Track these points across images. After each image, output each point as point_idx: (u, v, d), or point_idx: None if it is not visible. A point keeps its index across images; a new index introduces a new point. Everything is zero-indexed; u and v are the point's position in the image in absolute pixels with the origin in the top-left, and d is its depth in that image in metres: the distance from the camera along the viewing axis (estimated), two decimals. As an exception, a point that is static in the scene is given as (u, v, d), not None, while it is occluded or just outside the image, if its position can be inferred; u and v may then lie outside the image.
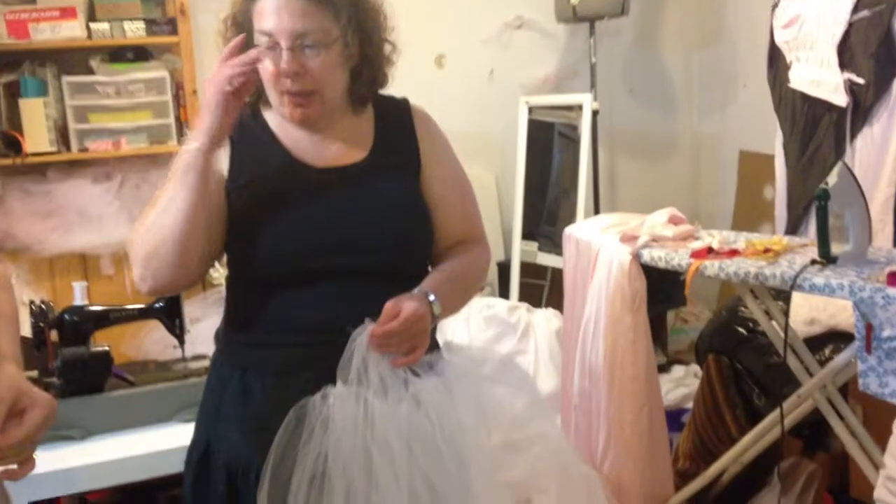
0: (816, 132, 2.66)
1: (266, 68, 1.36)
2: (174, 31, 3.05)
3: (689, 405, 2.89)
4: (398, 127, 1.51)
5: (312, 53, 1.36)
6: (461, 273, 1.49)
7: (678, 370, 3.40)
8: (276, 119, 1.45)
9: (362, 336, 1.32)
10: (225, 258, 1.46)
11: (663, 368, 3.31)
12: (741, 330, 2.60)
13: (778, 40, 2.81)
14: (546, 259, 3.48)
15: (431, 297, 1.38)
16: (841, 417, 2.15)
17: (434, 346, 1.49)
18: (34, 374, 1.89)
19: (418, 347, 1.35)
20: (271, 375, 1.40)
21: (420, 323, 1.34)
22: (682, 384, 3.28)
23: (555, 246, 3.30)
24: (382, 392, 1.34)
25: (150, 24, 3.03)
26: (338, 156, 1.45)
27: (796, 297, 2.34)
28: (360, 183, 1.43)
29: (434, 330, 1.46)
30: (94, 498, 2.77)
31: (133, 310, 1.94)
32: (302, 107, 1.39)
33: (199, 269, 1.40)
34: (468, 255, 1.52)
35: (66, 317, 1.87)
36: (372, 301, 1.34)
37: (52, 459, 1.74)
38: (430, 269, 1.48)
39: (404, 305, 1.33)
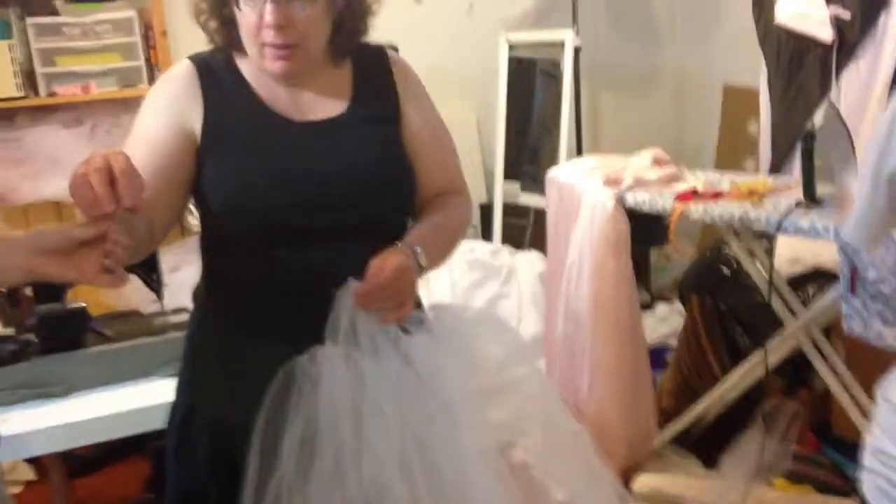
0: (802, 68, 2.61)
1: (247, 19, 1.29)
2: (141, -30, 2.94)
3: (673, 343, 2.91)
4: (377, 78, 1.45)
5: (298, 5, 1.29)
6: (444, 224, 1.46)
7: (662, 308, 3.41)
8: (252, 70, 1.39)
9: (347, 295, 1.29)
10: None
11: (647, 307, 3.32)
12: (725, 270, 2.60)
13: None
14: (528, 199, 3.45)
15: (417, 250, 1.34)
16: (824, 358, 2.17)
17: (418, 301, 1.47)
18: (10, 331, 1.86)
19: (406, 302, 1.32)
20: (254, 337, 1.37)
21: (406, 277, 1.31)
22: (665, 322, 3.30)
23: (537, 185, 3.26)
24: (373, 351, 1.31)
25: (115, -39, 2.92)
26: (316, 109, 1.39)
27: (780, 236, 2.34)
28: (339, 137, 1.38)
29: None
30: (80, 451, 2.79)
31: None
32: (284, 60, 1.32)
33: (164, 232, 1.36)
34: (450, 206, 1.48)
35: (40, 273, 1.83)
36: (355, 258, 1.31)
37: (34, 417, 1.73)
38: (411, 222, 1.45)
39: (389, 261, 1.30)
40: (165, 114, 1.34)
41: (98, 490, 2.81)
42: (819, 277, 2.38)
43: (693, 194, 2.15)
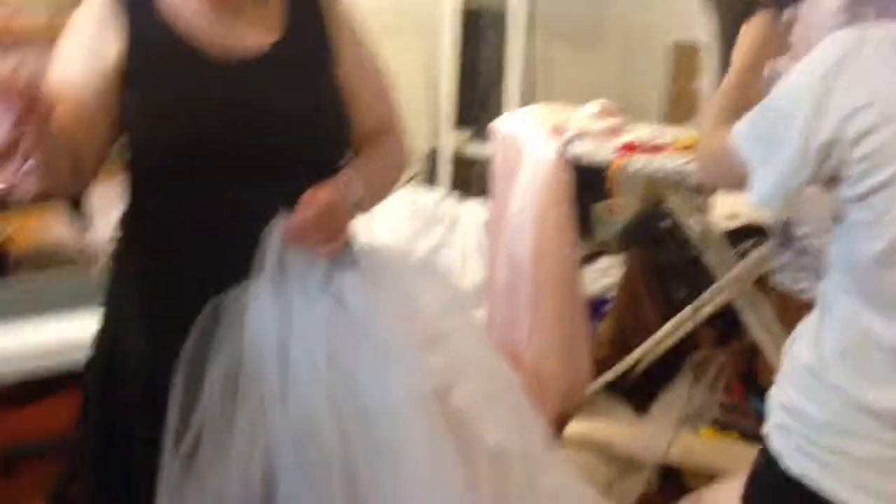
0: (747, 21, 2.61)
1: None
2: None
3: (613, 295, 2.95)
4: (307, 11, 1.40)
5: None
6: (379, 163, 1.43)
7: (604, 261, 3.45)
8: (172, 3, 1.33)
9: (276, 231, 1.27)
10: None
11: (589, 259, 3.35)
12: (664, 223, 2.63)
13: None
14: (477, 149, 3.43)
15: (349, 186, 1.32)
16: (755, 311, 2.21)
17: (351, 240, 1.45)
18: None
19: (336, 238, 1.31)
20: (180, 272, 1.33)
21: (336, 212, 1.29)
22: (606, 274, 3.34)
23: (486, 135, 3.24)
24: (302, 288, 1.30)
25: None
26: (242, 43, 1.32)
27: (720, 191, 2.36)
28: (267, 74, 1.32)
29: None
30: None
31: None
32: None
33: (94, 167, 1.32)
34: (386, 145, 1.46)
35: (-39, 203, 1.76)
36: (288, 196, 1.28)
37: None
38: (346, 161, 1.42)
39: (319, 195, 1.28)
40: (82, 48, 1.28)
41: (21, 426, 2.75)
42: (755, 233, 2.42)
43: (635, 147, 2.15)
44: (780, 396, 1.13)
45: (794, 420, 1.09)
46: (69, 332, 1.73)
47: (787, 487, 1.08)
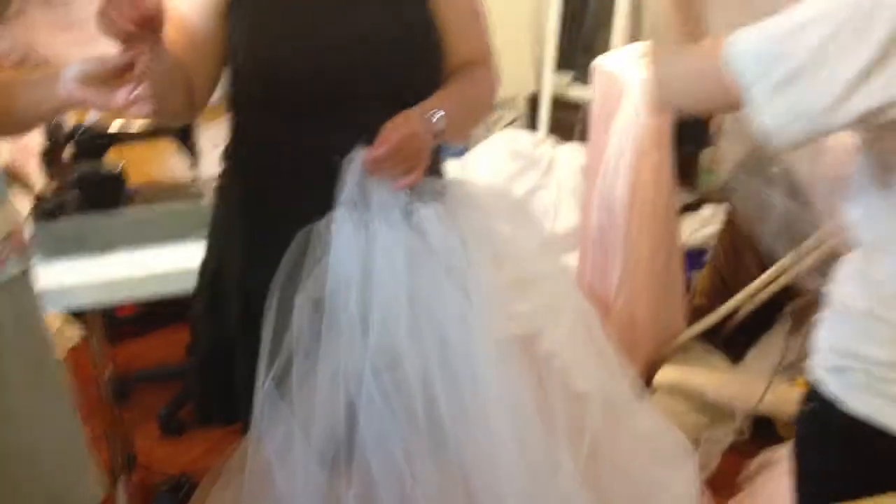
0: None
1: None
2: None
3: (714, 244, 2.87)
4: None
5: None
6: (467, 93, 1.44)
7: (707, 210, 3.35)
8: None
9: (355, 162, 1.30)
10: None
11: (693, 207, 3.26)
12: (773, 168, 2.53)
13: None
14: (580, 92, 3.37)
15: (434, 115, 1.33)
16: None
17: (439, 172, 1.47)
18: (52, 188, 1.92)
19: (416, 167, 1.32)
20: (277, 199, 1.39)
21: (414, 141, 1.30)
22: (708, 223, 3.25)
23: (588, 78, 3.18)
24: (384, 218, 1.33)
25: None
26: None
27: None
28: (368, 2, 1.37)
29: (437, 153, 1.44)
30: (120, 314, 2.90)
31: (145, 129, 1.93)
32: None
33: (204, 97, 1.39)
34: (476, 76, 1.47)
35: (79, 133, 1.87)
36: (379, 125, 1.31)
37: (73, 273, 1.79)
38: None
39: (399, 125, 1.29)
40: None
41: (139, 354, 2.94)
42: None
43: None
44: (833, 342, 1.08)
45: (854, 362, 1.04)
46: (181, 261, 1.81)
47: (852, 429, 1.04)
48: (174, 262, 1.83)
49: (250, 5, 1.34)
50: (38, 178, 2.00)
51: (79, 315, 2.24)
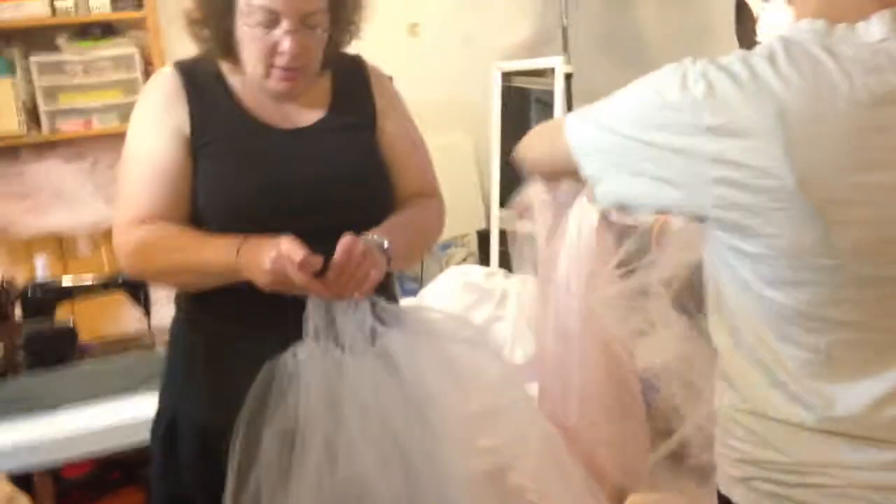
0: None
1: (260, 42, 1.35)
2: (140, 6, 3.03)
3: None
4: (354, 85, 1.52)
5: (311, 32, 1.36)
6: (414, 218, 1.50)
7: (663, 333, 3.40)
8: (238, 80, 1.44)
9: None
10: None
11: (646, 332, 3.31)
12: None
13: (743, -9, 2.79)
14: (525, 226, 3.47)
15: (373, 236, 1.37)
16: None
17: (396, 300, 1.49)
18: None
19: (371, 273, 1.33)
20: (237, 337, 1.40)
21: (360, 250, 1.31)
22: (665, 348, 3.28)
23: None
24: (349, 344, 1.33)
25: (116, -1, 3.01)
26: (297, 116, 1.45)
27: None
28: (318, 143, 1.44)
29: (391, 282, 1.46)
30: (69, 476, 2.78)
31: (96, 283, 1.94)
32: (290, 80, 1.39)
33: None
34: (422, 205, 1.53)
35: (29, 291, 1.87)
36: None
37: (18, 431, 1.74)
38: None
39: (347, 241, 1.32)
40: (160, 127, 1.40)
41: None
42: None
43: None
44: (731, 455, 1.08)
45: (755, 469, 1.04)
46: (133, 414, 1.78)
47: None
48: (126, 415, 1.80)
49: (211, 149, 1.40)
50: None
51: (27, 480, 2.15)
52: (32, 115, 3.00)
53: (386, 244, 1.36)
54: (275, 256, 1.25)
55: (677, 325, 2.78)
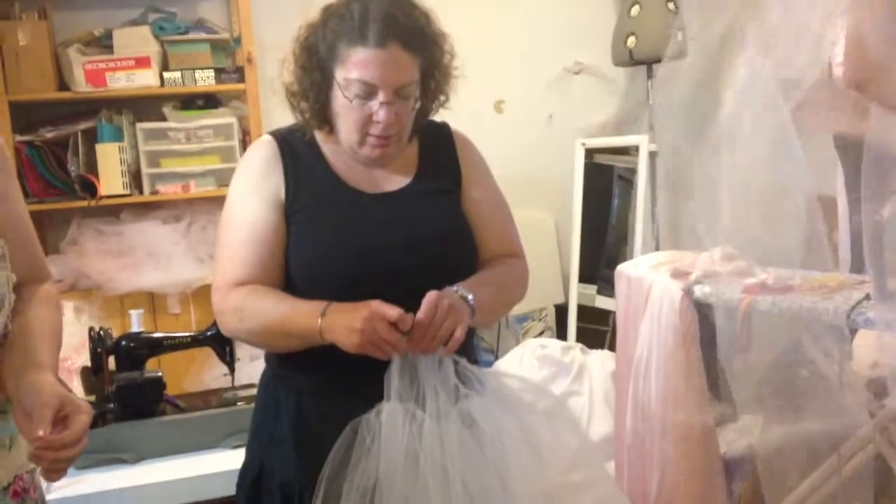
0: (879, 169, 2.58)
1: (356, 112, 1.41)
2: (241, 80, 3.19)
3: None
4: (440, 151, 1.57)
5: (404, 102, 1.43)
6: (498, 277, 1.52)
7: (746, 419, 3.29)
8: (330, 146, 1.51)
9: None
10: None
11: (730, 418, 3.21)
12: (802, 371, 2.51)
13: (835, 75, 2.76)
14: (605, 303, 3.45)
15: (456, 288, 1.40)
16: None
17: (474, 359, 1.50)
18: (92, 398, 1.97)
19: (456, 331, 1.35)
20: (327, 397, 1.44)
21: (445, 301, 1.35)
22: (749, 433, 3.18)
23: (613, 289, 3.27)
24: (431, 404, 1.35)
25: (220, 72, 3.18)
26: (386, 182, 1.51)
27: (862, 339, 2.26)
28: (406, 208, 1.49)
29: (473, 343, 1.48)
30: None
31: (185, 337, 2.01)
32: (383, 147, 1.45)
33: None
34: (507, 264, 1.56)
35: (123, 343, 1.94)
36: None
37: (104, 481, 1.80)
38: None
39: (433, 296, 1.35)
40: (258, 193, 1.47)
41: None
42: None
43: (762, 287, 2.12)
44: None
45: None
46: (209, 467, 1.84)
47: None
48: (202, 469, 1.84)
49: (305, 215, 1.46)
50: (79, 394, 2.06)
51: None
52: (135, 178, 3.16)
53: (471, 297, 1.39)
54: (367, 316, 1.29)
55: (762, 411, 2.70)
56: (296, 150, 1.50)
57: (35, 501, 1.29)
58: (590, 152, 3.61)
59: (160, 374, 1.94)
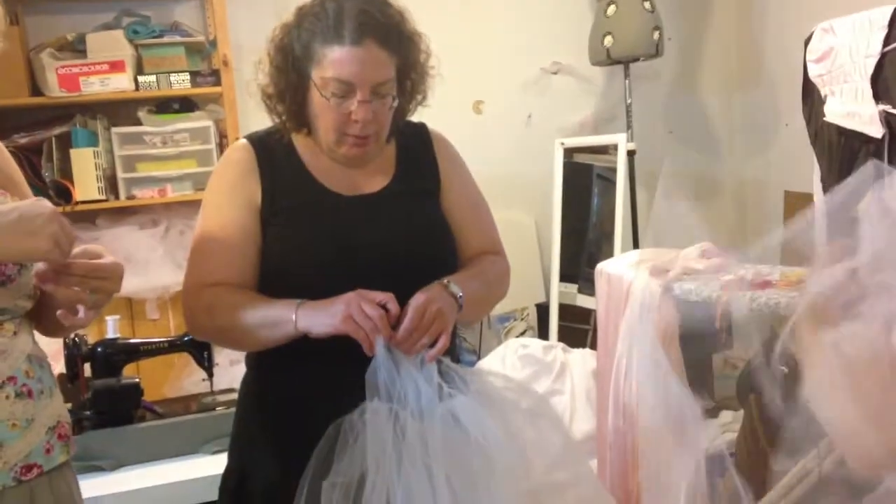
0: (854, 165, 2.60)
1: (334, 111, 1.41)
2: (217, 83, 3.17)
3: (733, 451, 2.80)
4: (418, 152, 1.57)
5: (381, 101, 1.42)
6: (479, 271, 1.53)
7: (726, 415, 3.31)
8: (307, 149, 1.50)
9: (380, 347, 1.33)
10: None
11: (710, 413, 3.22)
12: (783, 367, 2.53)
13: (811, 74, 2.78)
14: (586, 301, 3.45)
15: (453, 286, 1.40)
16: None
17: (456, 359, 1.50)
18: (68, 406, 1.94)
19: (443, 333, 1.36)
20: (309, 399, 1.43)
21: (433, 306, 1.35)
22: (729, 429, 3.19)
23: (594, 288, 3.27)
24: (414, 403, 1.35)
25: (195, 76, 3.15)
26: (365, 184, 1.50)
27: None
28: (385, 209, 1.49)
29: (455, 343, 1.47)
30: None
31: (163, 342, 1.99)
32: (361, 147, 1.45)
33: None
34: (488, 261, 1.57)
35: (99, 349, 1.92)
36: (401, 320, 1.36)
37: (81, 489, 1.77)
38: None
39: (419, 297, 1.36)
40: (232, 197, 1.46)
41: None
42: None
43: (740, 283, 2.13)
44: None
45: None
46: (188, 473, 1.83)
47: None
48: (181, 475, 1.83)
49: (282, 218, 1.45)
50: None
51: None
52: (111, 183, 3.13)
53: (459, 293, 1.38)
54: (352, 294, 1.30)
55: (742, 407, 2.71)
56: (273, 154, 1.49)
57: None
58: (569, 152, 3.61)
59: (137, 380, 1.92)
